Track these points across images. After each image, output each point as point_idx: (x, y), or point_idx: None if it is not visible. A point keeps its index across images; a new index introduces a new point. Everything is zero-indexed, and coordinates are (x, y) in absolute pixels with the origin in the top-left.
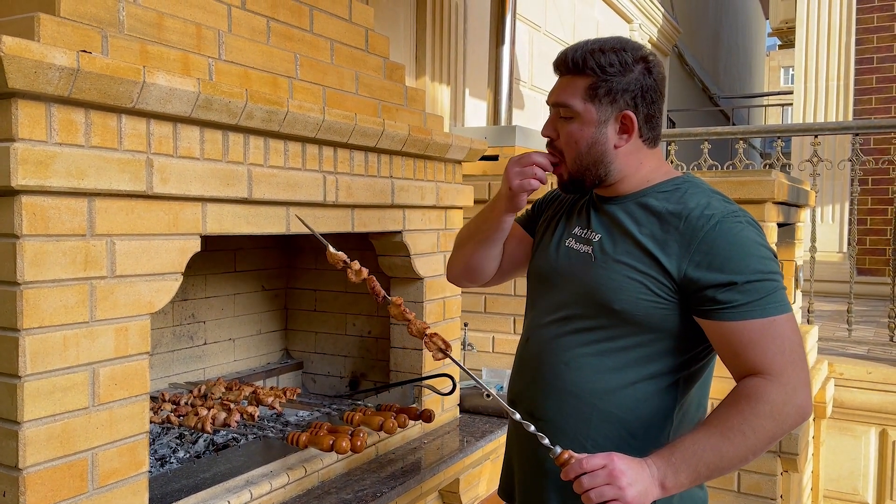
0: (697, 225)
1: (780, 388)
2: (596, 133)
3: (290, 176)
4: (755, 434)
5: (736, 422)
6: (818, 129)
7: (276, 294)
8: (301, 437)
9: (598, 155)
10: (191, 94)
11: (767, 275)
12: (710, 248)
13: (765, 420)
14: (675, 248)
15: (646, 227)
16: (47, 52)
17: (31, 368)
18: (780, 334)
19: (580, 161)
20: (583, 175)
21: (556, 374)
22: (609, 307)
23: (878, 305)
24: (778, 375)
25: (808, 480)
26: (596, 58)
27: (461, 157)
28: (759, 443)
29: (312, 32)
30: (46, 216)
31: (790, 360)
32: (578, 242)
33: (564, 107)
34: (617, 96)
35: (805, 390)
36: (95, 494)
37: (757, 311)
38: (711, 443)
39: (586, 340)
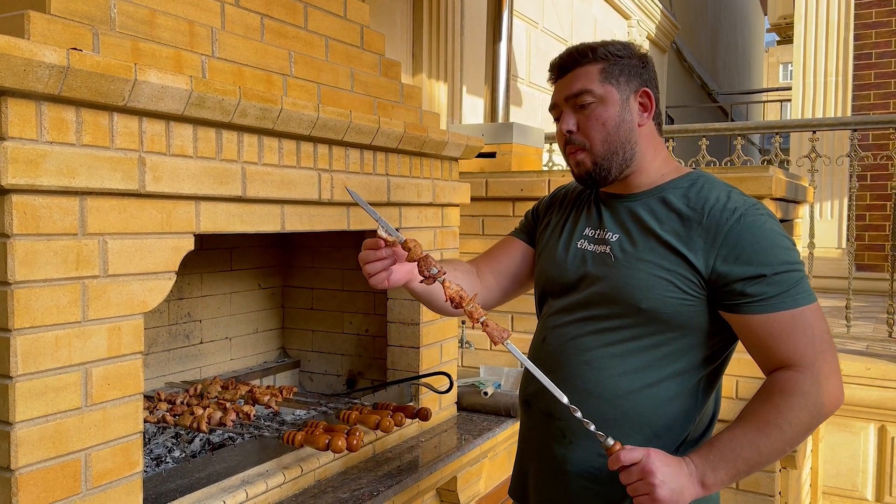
0: (721, 219)
1: (812, 379)
2: (621, 112)
3: (285, 174)
4: (791, 427)
5: (772, 416)
6: (816, 124)
7: (272, 292)
8: (297, 436)
9: (627, 133)
10: (183, 92)
11: (793, 265)
12: (737, 242)
13: (800, 412)
14: (701, 243)
15: (667, 223)
16: (37, 49)
17: (23, 369)
18: (809, 324)
19: (610, 143)
20: (611, 160)
21: (577, 374)
22: (636, 306)
23: (877, 301)
24: (809, 366)
25: (806, 477)
26: (602, 46)
27: (458, 155)
28: (795, 435)
29: (307, 29)
30: (37, 215)
31: (820, 350)
32: (592, 243)
33: (584, 93)
34: (632, 75)
35: (836, 378)
36: (89, 495)
37: (787, 302)
38: (749, 438)
39: (609, 341)
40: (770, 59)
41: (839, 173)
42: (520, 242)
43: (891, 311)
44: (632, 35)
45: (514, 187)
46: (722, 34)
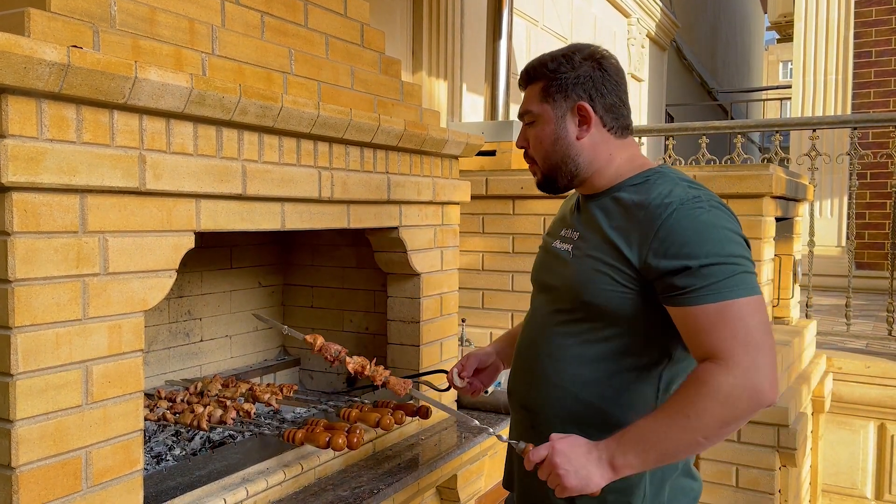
0: (656, 213)
1: (727, 372)
2: (556, 129)
3: (285, 172)
4: (700, 417)
5: (681, 405)
6: (816, 123)
7: (272, 290)
8: (297, 434)
9: (564, 149)
10: (183, 90)
11: (725, 258)
12: (668, 235)
13: (709, 403)
14: (637, 237)
15: (615, 220)
16: (37, 47)
17: (24, 366)
18: (734, 318)
19: (549, 159)
20: (555, 172)
21: (542, 366)
22: (581, 300)
23: (877, 300)
24: (727, 359)
25: (806, 475)
26: (545, 64)
27: (458, 153)
28: (705, 426)
29: (307, 27)
30: (38, 213)
31: (742, 344)
32: (563, 243)
33: (526, 113)
34: (569, 91)
35: (761, 374)
36: (89, 493)
37: (711, 295)
38: (659, 425)
39: (569, 333)
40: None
41: (839, 171)
42: None
43: (890, 309)
44: (632, 33)
45: (515, 185)
46: (721, 32)
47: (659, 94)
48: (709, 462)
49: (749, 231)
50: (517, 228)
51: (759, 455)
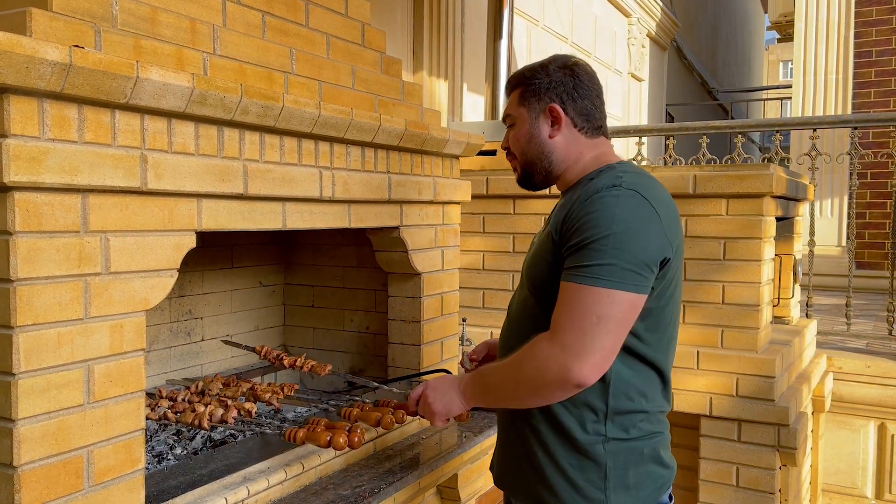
0: (579, 199)
1: (550, 344)
2: (531, 128)
3: (286, 171)
4: (519, 372)
5: (513, 359)
6: (817, 122)
7: (273, 290)
8: (298, 434)
9: (538, 146)
10: (185, 90)
11: (598, 242)
12: (577, 218)
13: (528, 363)
14: (563, 221)
15: (562, 211)
16: (39, 47)
17: (26, 366)
18: (579, 302)
19: (525, 155)
20: (531, 168)
21: (510, 349)
22: (530, 283)
23: (877, 299)
24: (556, 333)
25: (806, 474)
26: (524, 73)
27: (459, 152)
28: (520, 383)
29: (308, 27)
30: (39, 212)
31: (573, 325)
32: (538, 237)
33: (507, 116)
34: (542, 94)
35: (576, 357)
36: (91, 492)
37: (573, 275)
38: (496, 370)
39: (528, 316)
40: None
41: (839, 171)
42: None
43: (891, 308)
44: (632, 33)
45: (515, 185)
46: (722, 32)
47: (659, 94)
48: (709, 461)
49: (749, 230)
50: (518, 228)
51: (760, 454)
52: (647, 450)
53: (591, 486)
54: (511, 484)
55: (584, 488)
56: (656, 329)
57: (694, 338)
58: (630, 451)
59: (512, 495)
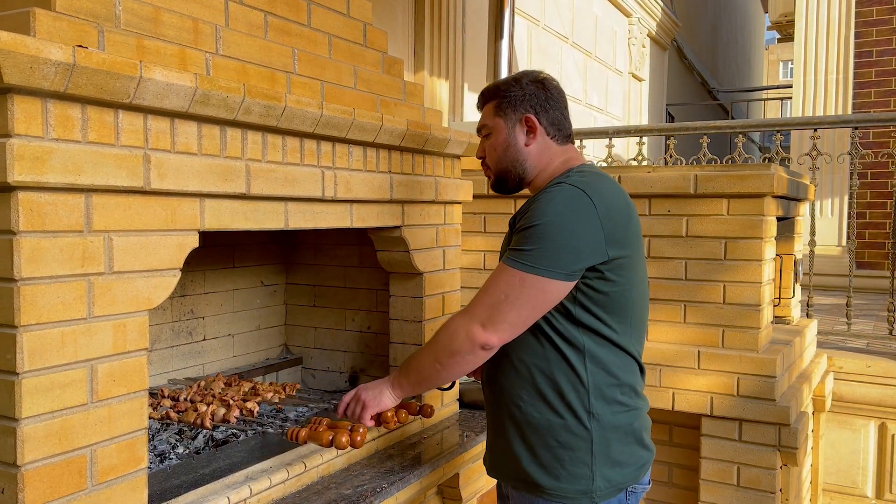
0: (531, 203)
1: (462, 315)
2: (507, 137)
3: (289, 171)
4: (433, 346)
5: (433, 337)
6: (817, 122)
7: (275, 289)
8: (300, 433)
9: (514, 154)
10: (188, 89)
11: (529, 230)
12: (524, 211)
13: (442, 334)
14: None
15: (519, 215)
16: (43, 47)
17: (29, 365)
18: (497, 280)
19: (500, 163)
20: (505, 174)
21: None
22: None
23: (878, 299)
24: (469, 305)
25: (807, 474)
26: (498, 87)
27: (460, 152)
28: (438, 352)
29: (310, 27)
30: (43, 212)
31: (484, 300)
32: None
33: (483, 127)
34: (517, 105)
35: (481, 326)
36: (94, 491)
37: (503, 258)
38: (418, 352)
39: None
40: (770, 56)
41: (840, 171)
42: None
43: (891, 308)
44: (632, 33)
45: None
46: (722, 32)
47: (660, 94)
48: (710, 461)
49: (750, 230)
50: None
51: (761, 454)
52: (629, 428)
53: (578, 461)
54: (500, 468)
55: (570, 464)
56: (619, 313)
57: (695, 337)
58: (614, 428)
59: (503, 480)
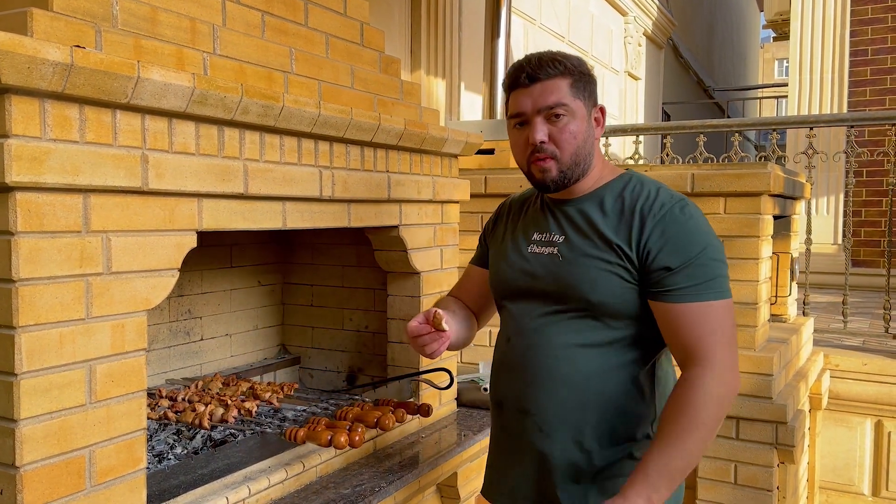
0: (650, 213)
1: (712, 374)
2: (587, 126)
3: (286, 171)
4: (706, 425)
5: (686, 421)
6: (813, 121)
7: (272, 289)
8: (299, 433)
9: (590, 146)
10: (185, 89)
11: (708, 262)
12: (662, 234)
13: (709, 408)
14: (636, 235)
15: (610, 221)
16: (40, 47)
17: (28, 366)
18: (714, 318)
19: (577, 154)
20: (574, 169)
21: (547, 367)
22: (586, 299)
23: (874, 297)
24: (708, 357)
25: (804, 472)
26: (564, 63)
27: (457, 151)
28: (711, 428)
29: (307, 26)
30: (41, 213)
31: (720, 342)
32: (541, 246)
33: (559, 106)
34: (591, 91)
35: (734, 371)
36: (93, 491)
37: (697, 294)
38: (677, 449)
39: (571, 330)
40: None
41: (835, 169)
42: (481, 270)
43: (887, 306)
44: (628, 31)
45: (513, 184)
46: (718, 30)
47: (655, 92)
48: (708, 459)
49: (747, 229)
50: None
51: (758, 452)
52: None
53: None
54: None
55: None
56: None
57: None
58: None
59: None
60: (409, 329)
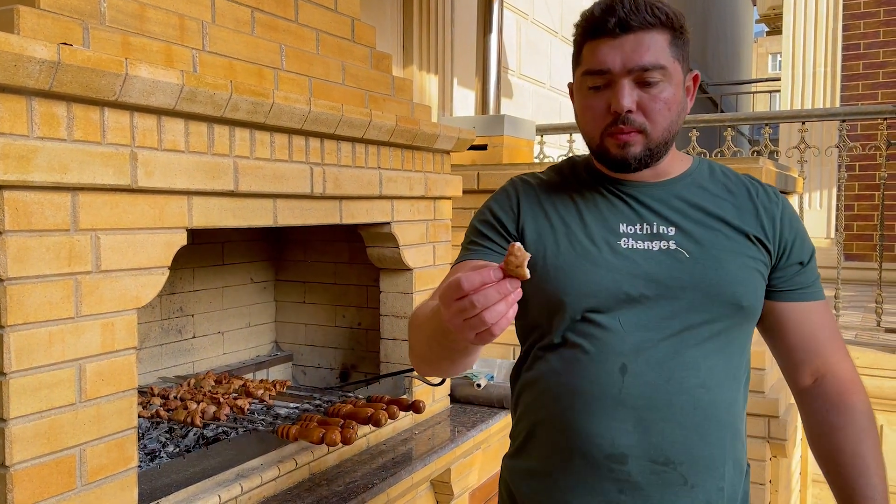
0: (770, 202)
1: (860, 390)
2: (683, 95)
3: (277, 168)
4: (879, 441)
5: (875, 450)
6: (805, 115)
7: (264, 286)
8: (291, 430)
9: (682, 120)
10: (174, 87)
11: (813, 257)
12: (790, 226)
13: (873, 421)
14: (769, 227)
15: (727, 208)
16: (27, 44)
17: (17, 365)
18: (834, 319)
19: (670, 129)
20: (663, 147)
21: (694, 402)
22: (738, 304)
23: (866, 291)
24: (846, 361)
25: (797, 465)
26: (665, 12)
27: (449, 147)
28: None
29: (297, 22)
30: (29, 211)
31: (843, 344)
32: (644, 241)
33: (658, 68)
34: (687, 53)
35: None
36: (84, 490)
37: (821, 291)
38: (877, 469)
39: (715, 349)
40: (759, 49)
41: (828, 163)
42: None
43: (879, 300)
44: None
45: (506, 180)
46: (711, 25)
47: None
48: None
49: None
50: None
51: (750, 446)
52: None
53: None
54: None
55: None
56: None
57: None
58: None
59: None
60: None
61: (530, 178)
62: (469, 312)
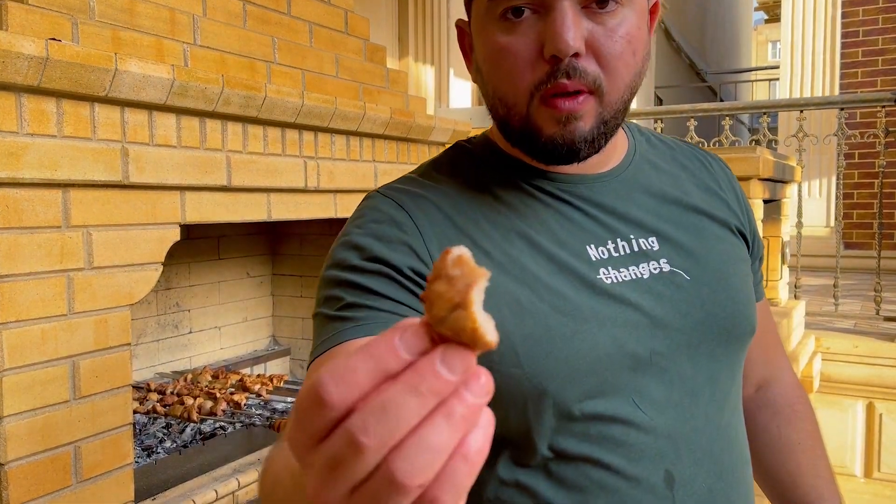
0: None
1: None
2: (647, 33)
3: (270, 162)
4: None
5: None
6: (804, 103)
7: (261, 281)
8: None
9: (644, 74)
10: (165, 81)
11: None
12: (747, 206)
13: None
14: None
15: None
16: (15, 41)
17: (10, 363)
18: (772, 316)
19: (632, 88)
20: (619, 115)
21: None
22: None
23: (865, 279)
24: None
25: None
26: None
27: (445, 140)
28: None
29: (290, 15)
30: (19, 208)
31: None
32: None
33: None
34: None
35: None
36: (80, 487)
37: (762, 289)
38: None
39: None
40: (759, 37)
41: (827, 152)
42: None
43: (878, 288)
44: None
45: None
46: (710, 13)
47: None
48: None
49: None
50: None
51: None
52: None
53: None
54: None
55: None
56: None
57: None
58: None
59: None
60: (337, 382)
61: (407, 186)
62: (354, 466)
